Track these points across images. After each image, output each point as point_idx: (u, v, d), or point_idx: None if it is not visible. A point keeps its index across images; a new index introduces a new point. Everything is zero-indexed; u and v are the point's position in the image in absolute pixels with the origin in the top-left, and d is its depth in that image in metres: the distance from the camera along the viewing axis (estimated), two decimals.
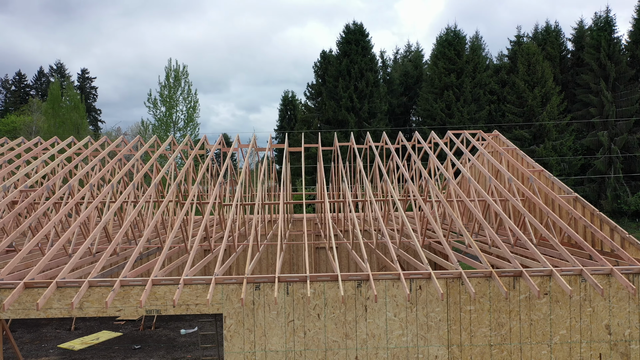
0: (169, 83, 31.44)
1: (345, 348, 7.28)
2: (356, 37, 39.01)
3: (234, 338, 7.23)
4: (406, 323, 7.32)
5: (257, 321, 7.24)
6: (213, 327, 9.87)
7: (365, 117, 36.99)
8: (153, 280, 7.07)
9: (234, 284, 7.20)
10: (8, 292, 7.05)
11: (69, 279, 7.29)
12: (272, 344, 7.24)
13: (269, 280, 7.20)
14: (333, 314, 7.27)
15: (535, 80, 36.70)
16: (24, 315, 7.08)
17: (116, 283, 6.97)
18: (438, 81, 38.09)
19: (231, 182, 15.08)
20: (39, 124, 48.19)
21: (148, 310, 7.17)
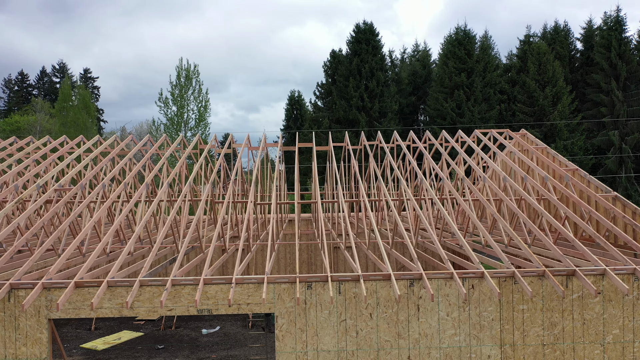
0: (179, 82, 31.34)
1: (397, 348, 7.21)
2: (366, 37, 38.94)
3: (286, 338, 7.16)
4: (459, 322, 7.25)
5: (308, 321, 7.17)
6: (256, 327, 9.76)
7: (375, 116, 36.92)
8: (205, 280, 7.01)
9: (285, 283, 7.13)
10: (59, 292, 6.98)
11: (119, 278, 7.22)
12: (324, 344, 7.17)
13: (321, 280, 7.13)
14: (385, 313, 7.20)
15: (546, 79, 36.63)
16: (74, 314, 7.01)
17: (168, 282, 6.90)
18: (448, 81, 38.02)
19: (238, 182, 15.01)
20: (43, 124, 48.07)
21: (199, 310, 7.10)
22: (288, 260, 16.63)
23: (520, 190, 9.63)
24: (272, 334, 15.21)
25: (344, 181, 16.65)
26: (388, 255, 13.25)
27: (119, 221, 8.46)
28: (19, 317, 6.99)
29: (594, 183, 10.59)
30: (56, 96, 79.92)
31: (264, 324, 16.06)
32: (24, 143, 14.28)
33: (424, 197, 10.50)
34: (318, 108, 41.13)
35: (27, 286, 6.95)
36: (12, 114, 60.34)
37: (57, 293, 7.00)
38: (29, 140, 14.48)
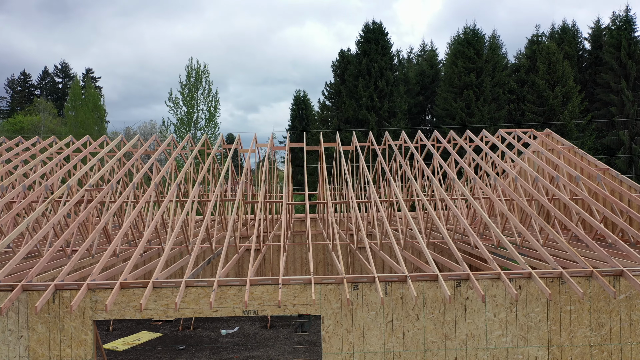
0: (189, 82, 31.25)
1: (444, 349, 7.15)
2: (376, 36, 38.88)
3: (332, 339, 7.09)
4: (506, 323, 7.18)
5: (355, 322, 7.10)
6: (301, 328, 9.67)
7: (385, 116, 36.86)
8: (251, 281, 6.94)
9: (332, 284, 7.07)
10: (103, 292, 6.92)
11: (162, 278, 7.16)
12: (370, 345, 7.10)
13: (368, 280, 7.06)
14: (432, 314, 7.14)
15: (555, 79, 36.58)
16: (120, 316, 6.95)
17: (215, 283, 6.84)
18: (457, 80, 37.95)
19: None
20: (47, 124, 48.04)
21: (245, 311, 7.04)
22: (303, 261, 16.53)
23: (554, 189, 9.56)
24: (304, 333, 15.15)
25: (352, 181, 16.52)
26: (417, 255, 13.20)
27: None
28: (64, 318, 6.93)
29: (626, 182, 10.52)
30: (58, 96, 79.99)
31: (280, 324, 15.93)
32: (29, 143, 14.12)
33: (437, 197, 10.39)
34: (327, 108, 41.07)
35: (72, 287, 6.88)
36: (16, 114, 60.36)
37: (101, 294, 6.94)
38: (34, 141, 14.32)
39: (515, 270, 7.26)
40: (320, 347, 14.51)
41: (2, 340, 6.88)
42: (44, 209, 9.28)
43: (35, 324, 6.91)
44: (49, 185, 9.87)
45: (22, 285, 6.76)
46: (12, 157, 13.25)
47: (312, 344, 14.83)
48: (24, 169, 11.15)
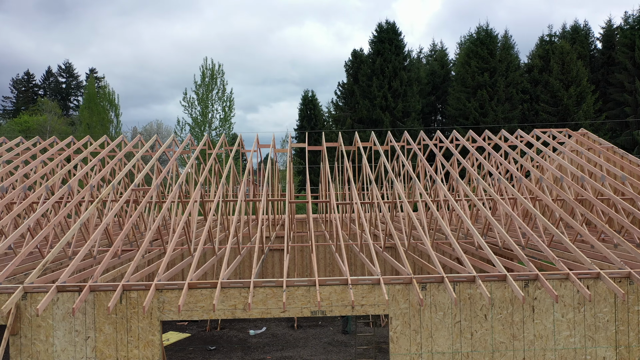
0: (204, 82, 31.15)
1: (512, 349, 7.09)
2: (389, 36, 38.79)
3: (400, 339, 7.04)
4: (574, 324, 7.13)
5: (423, 322, 7.05)
6: (370, 328, 9.62)
7: (399, 116, 36.77)
8: (319, 281, 6.89)
9: (399, 284, 7.01)
10: (170, 293, 6.87)
11: (228, 279, 7.11)
12: (438, 345, 7.05)
13: (436, 280, 7.01)
14: (500, 314, 7.08)
15: (569, 79, 36.50)
16: (187, 316, 6.90)
17: (284, 283, 6.79)
18: (471, 80, 37.87)
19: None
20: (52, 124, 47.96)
21: (313, 311, 6.99)
22: (328, 261, 16.40)
23: (604, 189, 9.51)
24: (346, 334, 15.08)
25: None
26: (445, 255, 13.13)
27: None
28: (131, 319, 6.88)
29: None
30: (62, 96, 79.80)
31: (307, 324, 15.81)
32: (47, 144, 14.01)
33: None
34: (340, 108, 40.97)
35: (140, 287, 6.83)
36: (21, 113, 60.29)
37: (168, 294, 6.89)
38: (52, 141, 14.23)
39: (583, 270, 7.20)
40: (350, 347, 14.49)
41: (69, 341, 6.83)
42: (94, 208, 9.22)
43: (102, 324, 6.86)
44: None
45: (90, 285, 6.70)
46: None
47: (343, 345, 14.78)
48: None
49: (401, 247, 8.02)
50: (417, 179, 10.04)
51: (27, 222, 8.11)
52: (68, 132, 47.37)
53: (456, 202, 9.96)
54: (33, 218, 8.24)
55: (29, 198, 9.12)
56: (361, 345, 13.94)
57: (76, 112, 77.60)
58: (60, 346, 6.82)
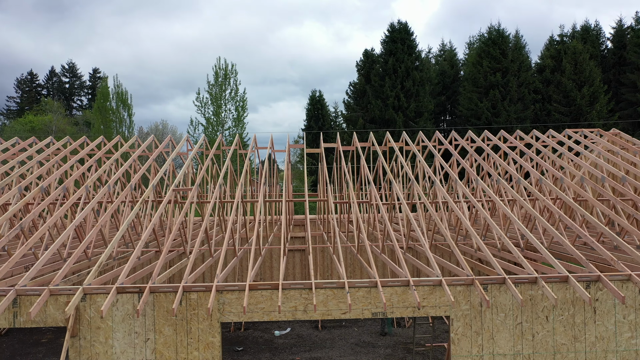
0: (217, 82, 31.06)
1: (574, 351, 7.03)
2: (402, 36, 38.74)
3: (462, 341, 6.98)
4: (635, 325, 7.07)
5: (484, 324, 6.99)
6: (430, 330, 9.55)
7: (412, 116, 36.71)
8: (381, 282, 6.83)
9: (461, 285, 6.96)
10: (230, 294, 6.81)
11: (287, 281, 7.05)
12: (499, 347, 6.99)
13: (498, 282, 6.95)
14: (561, 316, 7.02)
15: (582, 79, 36.42)
16: (248, 318, 6.85)
17: (345, 285, 6.73)
18: (483, 80, 37.79)
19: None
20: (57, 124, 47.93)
21: (374, 312, 6.93)
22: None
23: None
24: (385, 336, 15.02)
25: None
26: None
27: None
28: (191, 320, 6.82)
29: None
30: (65, 96, 79.80)
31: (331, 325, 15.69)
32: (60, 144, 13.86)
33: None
34: (351, 108, 40.90)
35: (200, 289, 6.78)
36: (26, 113, 60.35)
37: (228, 296, 6.83)
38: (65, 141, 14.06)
39: None
40: (378, 348, 14.42)
41: (129, 343, 6.77)
42: (139, 209, 9.16)
43: (162, 326, 6.80)
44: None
45: (150, 287, 6.65)
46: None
47: (371, 345, 14.72)
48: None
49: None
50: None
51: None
52: (73, 132, 47.33)
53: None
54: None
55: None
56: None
57: (80, 112, 77.49)
58: (120, 348, 6.77)
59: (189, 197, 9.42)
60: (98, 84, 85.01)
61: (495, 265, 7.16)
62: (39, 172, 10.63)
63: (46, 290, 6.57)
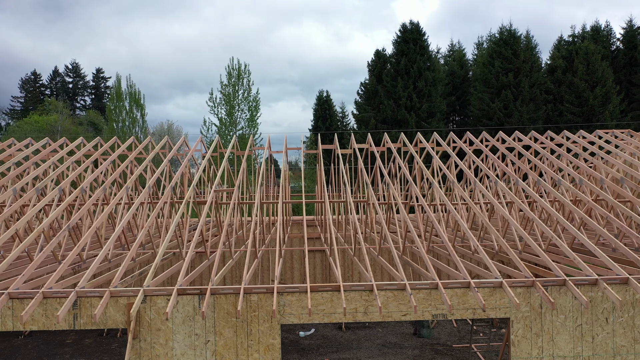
0: (230, 82, 31.04)
1: (633, 353, 7.01)
2: (414, 36, 38.73)
3: (522, 343, 6.96)
4: None
5: (544, 326, 6.97)
6: (488, 332, 9.55)
7: (424, 116, 36.70)
8: (443, 284, 6.80)
9: (520, 287, 6.93)
10: (290, 296, 6.79)
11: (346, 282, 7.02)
12: (559, 349, 6.97)
13: (558, 284, 6.92)
14: (621, 317, 7.00)
15: (595, 79, 36.41)
16: (308, 320, 6.82)
17: (407, 286, 6.70)
18: (495, 81, 37.77)
19: None
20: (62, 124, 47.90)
21: (434, 314, 6.91)
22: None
23: None
24: (421, 338, 14.99)
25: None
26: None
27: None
28: (251, 322, 6.80)
29: None
30: (69, 96, 79.86)
31: (355, 326, 15.62)
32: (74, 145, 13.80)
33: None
34: (363, 108, 40.89)
35: (261, 290, 6.76)
36: (31, 113, 60.38)
37: (288, 297, 6.81)
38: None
39: None
40: (405, 349, 14.41)
41: (189, 345, 6.75)
42: (183, 210, 9.13)
43: (222, 328, 6.78)
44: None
45: (211, 288, 6.62)
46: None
47: (397, 346, 14.71)
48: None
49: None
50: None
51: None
52: (79, 132, 47.27)
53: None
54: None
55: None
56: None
57: (83, 112, 77.50)
58: (180, 350, 6.75)
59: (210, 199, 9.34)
60: (102, 84, 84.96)
61: (554, 267, 7.14)
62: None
63: (107, 291, 6.55)
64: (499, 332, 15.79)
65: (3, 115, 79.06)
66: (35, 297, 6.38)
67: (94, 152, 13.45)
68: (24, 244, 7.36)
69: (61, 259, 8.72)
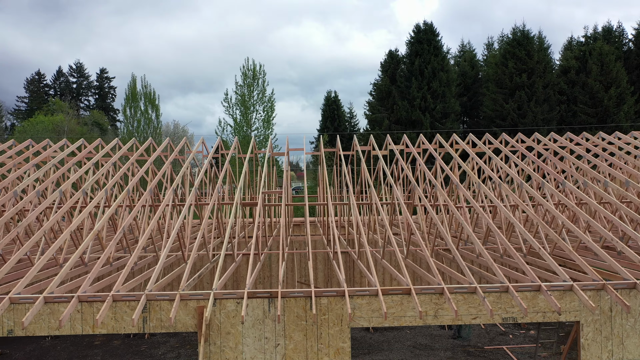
0: (246, 82, 31.00)
1: None
2: (427, 37, 38.74)
3: (592, 347, 6.92)
4: None
5: (614, 329, 6.93)
6: (554, 336, 9.54)
7: (438, 117, 36.67)
8: (514, 287, 6.77)
9: (591, 290, 6.90)
10: (360, 299, 6.75)
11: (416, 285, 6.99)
12: (629, 352, 6.93)
13: (628, 287, 6.89)
14: None
15: (609, 80, 36.37)
16: (378, 323, 6.80)
17: (478, 289, 6.67)
18: (509, 81, 37.73)
19: None
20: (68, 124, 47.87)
21: (504, 318, 6.87)
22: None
23: None
24: (461, 339, 14.96)
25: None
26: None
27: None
28: (321, 325, 6.76)
29: None
30: (72, 96, 79.90)
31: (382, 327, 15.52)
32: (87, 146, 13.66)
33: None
34: (376, 109, 40.84)
35: (330, 294, 6.72)
36: (36, 113, 60.46)
37: (358, 301, 6.77)
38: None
39: None
40: (436, 350, 14.37)
41: (259, 349, 6.72)
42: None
43: (292, 331, 6.74)
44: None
45: (281, 292, 6.59)
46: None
47: (429, 348, 14.69)
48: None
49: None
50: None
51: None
52: (84, 132, 47.22)
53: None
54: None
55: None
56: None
57: (87, 112, 77.49)
58: (250, 353, 6.71)
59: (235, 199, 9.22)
60: (105, 84, 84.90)
61: (621, 270, 7.11)
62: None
63: (177, 295, 6.51)
64: (527, 333, 15.77)
65: (8, 115, 79.00)
66: (106, 301, 6.34)
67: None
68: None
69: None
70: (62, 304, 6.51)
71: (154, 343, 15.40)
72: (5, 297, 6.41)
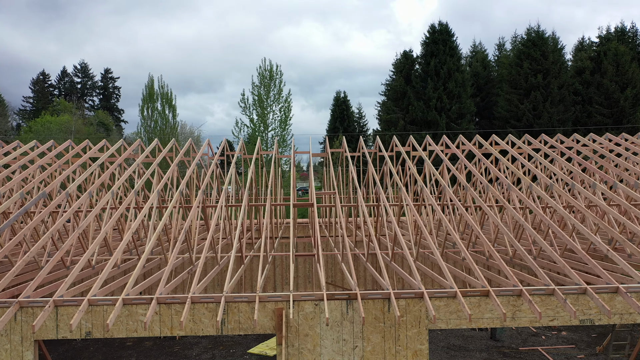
0: (263, 82, 30.95)
1: None
2: (443, 37, 38.75)
3: None
4: None
5: None
6: (627, 337, 9.51)
7: (454, 117, 36.68)
8: (594, 289, 6.74)
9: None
10: (438, 301, 6.73)
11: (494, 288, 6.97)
12: None
13: None
14: None
15: (625, 81, 36.39)
16: (455, 325, 6.77)
17: (556, 291, 6.64)
18: (524, 82, 37.72)
19: None
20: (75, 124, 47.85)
21: (582, 320, 6.85)
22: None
23: None
24: (496, 341, 14.96)
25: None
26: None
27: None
28: (399, 327, 6.74)
29: None
30: (76, 96, 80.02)
31: None
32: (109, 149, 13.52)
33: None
34: (391, 109, 40.84)
35: (409, 295, 6.70)
36: (42, 113, 60.60)
37: (436, 302, 6.75)
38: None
39: None
40: (470, 351, 14.34)
41: (337, 351, 6.70)
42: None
43: (370, 333, 6.72)
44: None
45: (360, 293, 6.56)
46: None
47: (463, 349, 14.70)
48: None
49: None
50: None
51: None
52: (90, 133, 47.18)
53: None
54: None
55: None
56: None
57: (91, 112, 77.58)
58: (328, 355, 6.69)
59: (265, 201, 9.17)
60: (110, 84, 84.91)
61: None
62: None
63: (256, 297, 6.49)
64: (559, 334, 15.78)
65: (14, 115, 79.01)
66: (187, 303, 6.32)
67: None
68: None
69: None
70: (141, 306, 6.50)
71: (186, 344, 15.39)
72: (84, 299, 6.39)
